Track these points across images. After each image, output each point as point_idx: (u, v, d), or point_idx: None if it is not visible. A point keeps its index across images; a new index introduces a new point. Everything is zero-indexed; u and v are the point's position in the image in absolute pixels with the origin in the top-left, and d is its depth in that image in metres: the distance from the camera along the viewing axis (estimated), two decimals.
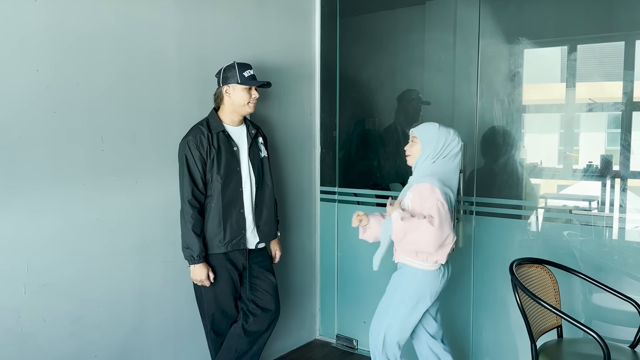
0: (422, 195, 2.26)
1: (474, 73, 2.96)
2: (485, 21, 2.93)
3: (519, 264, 2.35)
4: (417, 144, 2.35)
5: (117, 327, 2.48)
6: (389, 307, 2.41)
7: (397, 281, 2.42)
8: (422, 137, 2.34)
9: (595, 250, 2.68)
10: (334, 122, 3.56)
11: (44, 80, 2.16)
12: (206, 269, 2.46)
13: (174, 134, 2.60)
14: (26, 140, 2.12)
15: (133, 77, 2.48)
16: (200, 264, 2.44)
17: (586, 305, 2.75)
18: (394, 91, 3.33)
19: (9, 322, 2.11)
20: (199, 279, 2.46)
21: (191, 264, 2.45)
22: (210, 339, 2.65)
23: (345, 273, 3.55)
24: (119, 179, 2.44)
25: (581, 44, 2.75)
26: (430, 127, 2.36)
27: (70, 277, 2.29)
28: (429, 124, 2.39)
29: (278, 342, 3.35)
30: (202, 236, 2.46)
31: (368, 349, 3.45)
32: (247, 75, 2.51)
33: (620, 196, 2.61)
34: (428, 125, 2.37)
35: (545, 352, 2.25)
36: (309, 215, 3.59)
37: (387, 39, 3.32)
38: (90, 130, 2.33)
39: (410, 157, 2.40)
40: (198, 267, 2.44)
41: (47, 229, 2.20)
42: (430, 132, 2.34)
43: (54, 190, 2.22)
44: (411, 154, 2.39)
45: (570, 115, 2.81)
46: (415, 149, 2.36)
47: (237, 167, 2.54)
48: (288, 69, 3.33)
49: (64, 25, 2.21)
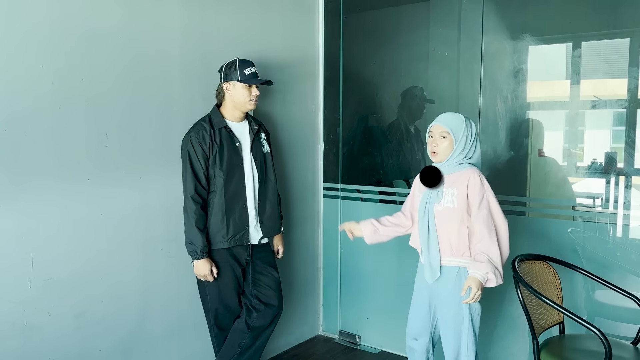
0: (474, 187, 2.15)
1: (478, 70, 2.96)
2: (489, 18, 2.92)
3: (521, 260, 2.36)
4: (449, 139, 2.19)
5: (121, 321, 2.50)
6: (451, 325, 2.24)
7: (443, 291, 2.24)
8: (456, 132, 2.18)
9: (598, 247, 2.68)
10: (337, 118, 3.57)
11: (49, 77, 2.17)
12: (209, 265, 2.47)
13: (177, 130, 2.61)
14: (31, 136, 2.14)
15: (137, 73, 2.49)
16: (204, 260, 2.46)
17: (588, 302, 2.74)
18: (397, 88, 3.33)
19: (15, 316, 2.13)
20: (202, 275, 2.48)
21: (194, 259, 2.46)
22: (214, 334, 2.66)
23: (348, 269, 3.56)
24: (123, 174, 2.46)
25: (586, 40, 2.74)
26: (458, 118, 2.22)
27: (74, 272, 2.31)
28: (454, 115, 2.24)
29: (281, 338, 3.36)
30: (206, 232, 2.47)
31: (370, 345, 3.48)
32: (247, 73, 2.51)
33: (624, 193, 2.61)
34: (455, 117, 2.22)
35: (547, 348, 2.26)
36: (312, 212, 3.60)
37: (391, 36, 3.32)
38: (95, 126, 2.34)
39: (438, 154, 2.22)
40: (201, 263, 2.46)
41: (51, 224, 2.22)
42: (460, 124, 2.19)
43: (59, 186, 2.24)
44: (440, 151, 2.21)
45: (574, 112, 2.80)
46: (446, 144, 2.20)
47: (240, 163, 2.55)
48: (291, 65, 3.34)
49: (69, 21, 2.23)
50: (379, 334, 3.44)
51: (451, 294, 2.22)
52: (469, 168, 2.20)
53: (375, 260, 3.41)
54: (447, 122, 2.21)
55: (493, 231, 2.14)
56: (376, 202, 3.41)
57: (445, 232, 2.22)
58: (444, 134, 2.20)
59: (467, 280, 2.10)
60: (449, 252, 2.22)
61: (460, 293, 2.16)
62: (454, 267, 2.22)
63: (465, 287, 2.10)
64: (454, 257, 2.22)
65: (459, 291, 2.18)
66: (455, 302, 2.21)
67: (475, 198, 2.15)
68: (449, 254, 2.23)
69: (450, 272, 2.23)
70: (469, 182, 2.16)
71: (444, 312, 2.27)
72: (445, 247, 2.23)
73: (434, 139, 2.23)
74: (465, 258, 2.20)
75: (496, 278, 2.10)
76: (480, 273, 2.09)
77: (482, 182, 2.16)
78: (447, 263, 2.23)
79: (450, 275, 2.23)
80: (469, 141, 2.21)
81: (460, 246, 2.19)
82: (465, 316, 2.21)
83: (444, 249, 2.23)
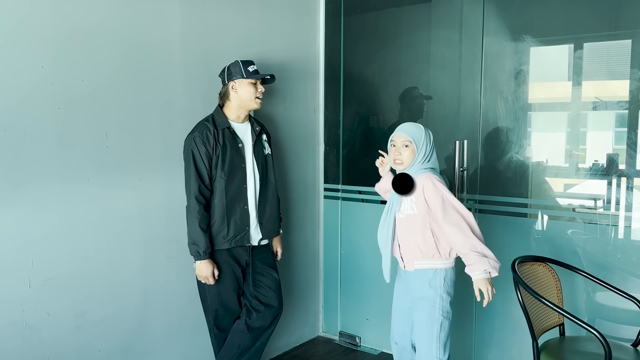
0: (429, 191, 2.21)
1: (478, 71, 2.96)
2: (490, 19, 2.92)
3: (521, 261, 2.35)
4: (411, 148, 2.28)
5: (121, 321, 2.50)
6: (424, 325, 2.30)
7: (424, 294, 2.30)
8: (417, 140, 2.28)
9: (599, 248, 2.67)
10: (338, 119, 3.57)
11: (49, 77, 2.18)
12: (212, 266, 2.47)
13: (178, 131, 2.62)
14: (31, 137, 2.14)
15: (138, 73, 2.49)
16: (206, 261, 2.45)
17: (589, 304, 2.74)
18: (398, 89, 3.32)
19: (14, 316, 2.13)
20: (204, 276, 2.47)
21: (197, 260, 2.46)
22: (214, 335, 2.66)
23: (348, 270, 3.56)
24: (123, 175, 2.46)
25: (587, 42, 2.73)
26: (418, 127, 2.32)
27: (74, 272, 2.31)
28: (414, 125, 2.33)
29: (281, 339, 3.36)
30: (209, 232, 2.47)
31: (371, 346, 3.48)
32: (251, 69, 2.53)
33: (626, 195, 2.60)
34: (415, 127, 2.32)
35: (547, 350, 2.25)
36: (313, 213, 3.60)
37: (392, 37, 3.32)
38: (95, 127, 2.35)
39: (402, 164, 2.30)
40: (204, 264, 2.45)
41: (51, 224, 2.22)
42: (420, 133, 2.29)
43: (59, 186, 2.24)
44: (404, 160, 2.29)
45: (576, 114, 2.79)
46: (409, 153, 2.28)
47: (242, 164, 2.55)
48: (292, 66, 3.34)
49: (69, 22, 2.23)
50: (380, 335, 3.44)
51: (426, 295, 2.29)
52: (422, 174, 2.26)
53: (375, 262, 3.38)
54: (407, 131, 2.30)
55: (465, 227, 2.17)
56: (377, 203, 3.41)
57: (411, 237, 2.29)
58: (406, 143, 2.28)
59: (475, 285, 2.17)
60: (419, 255, 2.28)
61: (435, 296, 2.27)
62: (429, 269, 2.29)
63: (477, 293, 2.18)
64: (426, 260, 2.28)
65: (434, 293, 2.28)
66: (429, 304, 2.28)
67: (434, 202, 2.20)
68: (419, 257, 2.29)
69: (425, 274, 2.29)
70: (423, 188, 2.23)
71: (418, 313, 2.33)
72: (415, 251, 2.29)
73: (397, 148, 2.31)
74: (436, 259, 2.27)
75: (494, 265, 2.16)
76: (481, 273, 2.15)
77: (435, 183, 2.22)
78: (421, 266, 2.30)
79: (426, 277, 2.29)
80: (428, 148, 2.29)
81: (429, 249, 2.26)
82: (437, 318, 2.28)
83: (414, 253, 2.29)
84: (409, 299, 2.39)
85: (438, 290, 2.28)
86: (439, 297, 2.28)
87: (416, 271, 2.31)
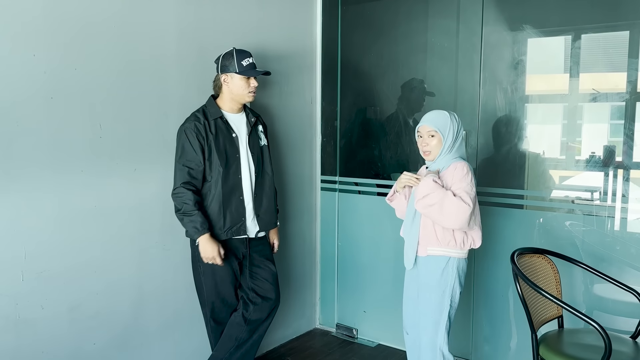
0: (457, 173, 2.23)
1: (477, 61, 2.93)
2: (489, 8, 2.89)
3: (520, 253, 2.34)
4: (437, 137, 2.28)
5: (116, 314, 2.47)
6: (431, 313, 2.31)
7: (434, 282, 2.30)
8: (442, 129, 2.27)
9: (597, 240, 2.67)
10: (335, 110, 3.54)
11: (41, 66, 2.13)
12: (217, 245, 2.40)
13: (173, 121, 2.58)
14: (23, 126, 2.10)
15: (132, 63, 2.45)
16: (210, 240, 2.38)
17: (587, 296, 2.74)
18: (396, 80, 3.30)
19: (7, 310, 2.10)
20: (210, 256, 2.40)
21: (197, 236, 2.38)
22: (210, 328, 2.64)
23: (345, 262, 3.55)
24: (117, 165, 2.42)
25: (585, 33, 2.71)
26: (443, 115, 2.30)
27: (68, 265, 2.28)
28: (439, 113, 2.32)
29: (278, 331, 3.35)
30: (203, 211, 2.41)
31: (368, 338, 3.47)
32: (245, 64, 2.48)
33: (623, 186, 2.59)
34: (440, 115, 2.31)
35: (546, 342, 2.24)
36: (310, 205, 3.58)
37: (389, 27, 3.29)
38: (89, 117, 2.31)
39: (430, 153, 2.31)
40: (208, 243, 2.38)
41: (45, 215, 2.19)
42: (446, 121, 2.28)
43: (52, 177, 2.20)
44: (432, 150, 2.30)
45: (573, 106, 2.78)
46: (436, 142, 2.29)
47: (236, 154, 2.52)
48: (289, 57, 3.30)
49: (61, 9, 2.18)
50: (377, 327, 3.43)
51: (437, 283, 2.29)
52: (458, 161, 2.27)
53: (372, 254, 3.40)
54: (432, 121, 2.30)
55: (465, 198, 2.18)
56: (374, 195, 3.39)
57: (430, 221, 2.28)
58: (432, 133, 2.29)
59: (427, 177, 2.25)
60: (434, 241, 2.28)
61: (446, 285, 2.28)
62: (442, 256, 2.29)
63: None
64: (440, 247, 2.28)
65: (445, 282, 2.28)
66: (439, 291, 2.29)
67: (455, 179, 2.23)
68: (434, 243, 2.28)
69: (437, 261, 2.29)
70: (455, 171, 2.25)
71: (425, 299, 2.32)
72: (431, 237, 2.28)
73: (423, 138, 2.32)
74: (451, 247, 2.27)
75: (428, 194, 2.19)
76: (431, 177, 2.22)
77: (468, 171, 2.24)
78: (434, 252, 2.30)
79: (438, 264, 2.29)
80: (455, 135, 2.30)
81: (446, 235, 2.26)
82: (445, 307, 2.29)
83: (430, 238, 2.29)
84: (416, 284, 2.39)
85: (449, 280, 2.28)
86: (449, 287, 2.29)
87: (428, 257, 2.31)
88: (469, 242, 2.29)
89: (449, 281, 2.29)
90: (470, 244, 2.30)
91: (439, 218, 2.20)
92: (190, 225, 2.38)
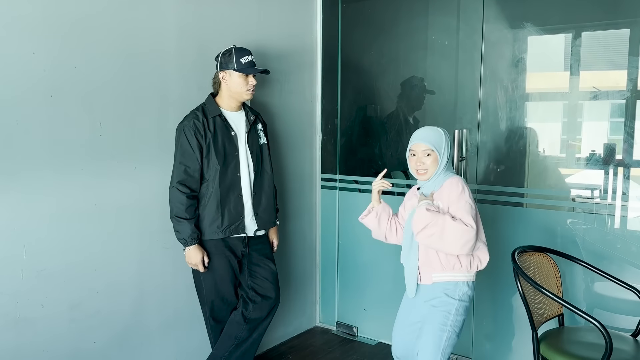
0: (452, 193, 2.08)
1: (478, 59, 2.93)
2: (490, 6, 2.89)
3: (521, 251, 2.34)
4: (433, 156, 2.13)
5: (116, 313, 2.47)
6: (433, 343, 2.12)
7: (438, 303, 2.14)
8: (438, 147, 2.13)
9: (597, 238, 2.67)
10: (335, 108, 3.53)
11: (41, 64, 2.13)
12: (201, 253, 2.44)
13: (173, 119, 2.57)
14: (23, 125, 2.09)
15: (132, 61, 2.44)
16: (195, 248, 2.42)
17: (588, 294, 2.73)
18: (396, 78, 3.29)
19: (7, 308, 2.10)
20: (193, 263, 2.45)
21: (184, 246, 2.44)
22: (210, 326, 2.64)
23: (345, 261, 3.54)
24: (117, 164, 2.42)
25: (586, 31, 2.71)
26: (437, 133, 2.17)
27: (68, 263, 2.27)
28: (433, 130, 2.19)
29: (278, 329, 3.35)
30: (194, 219, 2.43)
31: (368, 336, 3.47)
32: (244, 62, 2.47)
33: (624, 184, 2.59)
34: (435, 132, 2.18)
35: (546, 340, 2.24)
36: (310, 203, 3.57)
37: (390, 25, 3.28)
38: (88, 115, 2.30)
39: (426, 172, 2.15)
40: (192, 251, 2.43)
41: (44, 214, 2.19)
42: (441, 138, 2.15)
43: (52, 176, 2.20)
44: (427, 169, 2.14)
45: (573, 104, 2.77)
46: (432, 161, 2.14)
47: (235, 152, 2.51)
48: (289, 55, 3.29)
49: (61, 8, 2.17)
50: (377, 326, 3.43)
51: (441, 304, 2.14)
52: (451, 177, 2.14)
53: (372, 252, 3.39)
54: (427, 138, 2.15)
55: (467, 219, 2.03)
56: None
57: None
58: (428, 152, 2.14)
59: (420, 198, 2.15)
60: (438, 267, 2.13)
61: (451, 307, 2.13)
62: (449, 282, 2.14)
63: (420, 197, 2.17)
64: (445, 272, 2.13)
65: (450, 304, 2.13)
66: (443, 314, 2.13)
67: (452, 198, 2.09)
68: (439, 269, 2.13)
69: (444, 288, 2.14)
70: (450, 190, 2.10)
71: (428, 321, 2.16)
72: (434, 263, 2.14)
73: (418, 157, 2.16)
74: (457, 271, 2.12)
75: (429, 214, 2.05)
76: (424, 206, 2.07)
77: (464, 187, 2.10)
78: (440, 279, 2.14)
79: (445, 290, 2.14)
80: (449, 153, 2.17)
81: (449, 259, 2.11)
82: (447, 330, 2.13)
83: (433, 264, 2.14)
84: (418, 312, 2.22)
85: (454, 302, 2.13)
86: (455, 309, 2.13)
87: (434, 285, 2.15)
88: (475, 263, 2.14)
89: (454, 304, 2.13)
90: (477, 266, 2.15)
91: (442, 246, 2.05)
92: (179, 235, 2.42)
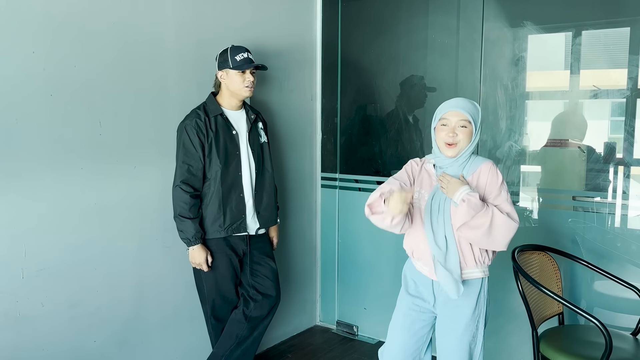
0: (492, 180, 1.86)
1: (478, 58, 2.92)
2: (490, 5, 2.88)
3: (520, 250, 2.34)
4: (469, 129, 1.85)
5: (117, 312, 2.47)
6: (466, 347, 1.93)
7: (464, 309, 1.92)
8: (476, 120, 1.87)
9: (597, 237, 2.67)
10: (335, 107, 3.53)
11: (41, 63, 2.13)
12: (205, 252, 2.45)
13: (173, 118, 2.57)
14: (23, 124, 2.09)
15: (131, 60, 2.44)
16: (199, 247, 2.43)
17: (588, 293, 2.73)
18: (396, 76, 3.29)
19: (7, 307, 2.10)
20: (197, 262, 2.45)
21: (188, 246, 2.44)
22: (211, 325, 2.64)
23: (345, 259, 3.54)
24: (117, 163, 2.42)
25: (586, 29, 2.70)
26: (474, 104, 1.91)
27: (68, 262, 2.27)
28: (470, 102, 1.92)
29: (279, 328, 3.35)
30: (198, 219, 2.44)
31: (368, 335, 3.47)
32: (239, 59, 2.47)
33: (624, 183, 2.59)
34: (472, 103, 1.91)
35: (546, 338, 2.24)
36: (310, 202, 3.57)
37: (390, 23, 3.28)
38: (88, 114, 2.30)
39: (456, 146, 1.86)
40: (196, 250, 2.43)
41: (44, 213, 2.18)
42: (478, 112, 1.90)
43: (52, 175, 2.20)
44: (459, 142, 1.85)
45: (574, 102, 2.77)
46: (466, 135, 1.85)
47: (237, 151, 2.52)
48: (289, 53, 3.29)
49: (61, 6, 2.17)
50: (377, 324, 3.43)
51: (473, 312, 1.93)
52: (486, 161, 1.91)
53: (373, 251, 3.39)
54: (467, 109, 1.86)
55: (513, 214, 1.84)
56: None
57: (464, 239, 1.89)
58: (465, 123, 1.85)
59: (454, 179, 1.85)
60: (471, 262, 1.90)
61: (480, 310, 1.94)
62: (477, 279, 1.93)
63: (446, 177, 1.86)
64: (477, 267, 1.91)
65: (481, 307, 1.95)
66: (468, 315, 1.92)
67: (492, 188, 1.87)
68: (471, 264, 1.90)
69: (473, 286, 1.93)
70: (489, 176, 1.88)
71: (460, 333, 1.93)
72: (468, 259, 1.90)
73: (451, 128, 1.86)
74: (485, 265, 1.93)
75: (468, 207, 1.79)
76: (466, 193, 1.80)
77: (498, 173, 1.89)
78: (471, 275, 1.91)
79: (474, 289, 1.93)
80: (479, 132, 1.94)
81: (483, 252, 1.91)
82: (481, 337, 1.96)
83: (467, 260, 1.90)
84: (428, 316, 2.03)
85: (483, 304, 1.94)
86: (485, 310, 1.96)
87: (463, 282, 1.89)
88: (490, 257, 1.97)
89: (482, 306, 1.95)
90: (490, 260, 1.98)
91: (486, 241, 1.81)
92: (183, 235, 2.42)
